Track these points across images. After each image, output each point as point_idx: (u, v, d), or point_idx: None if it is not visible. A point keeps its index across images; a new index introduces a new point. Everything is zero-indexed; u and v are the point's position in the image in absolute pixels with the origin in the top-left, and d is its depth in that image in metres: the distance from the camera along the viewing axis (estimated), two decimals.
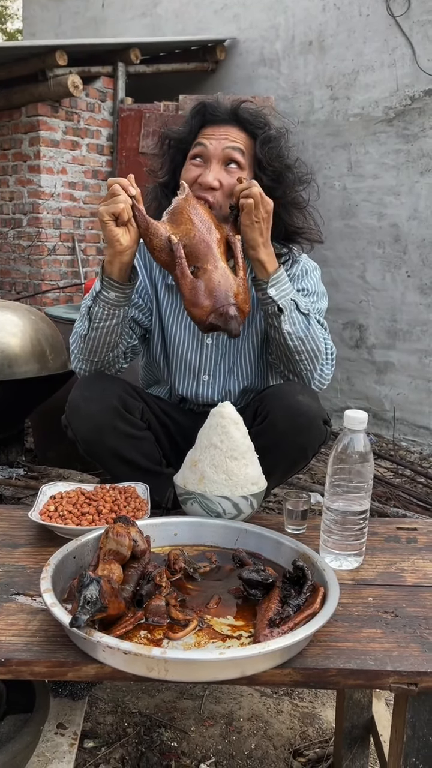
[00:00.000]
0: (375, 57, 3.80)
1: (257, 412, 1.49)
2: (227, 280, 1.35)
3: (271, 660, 0.86)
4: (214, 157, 1.48)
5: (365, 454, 1.13)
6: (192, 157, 1.51)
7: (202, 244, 1.37)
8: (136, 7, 5.11)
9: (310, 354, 1.49)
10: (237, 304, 1.34)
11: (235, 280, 1.37)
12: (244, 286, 1.37)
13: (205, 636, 0.94)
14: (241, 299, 1.36)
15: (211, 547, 1.21)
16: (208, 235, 1.38)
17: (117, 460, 1.46)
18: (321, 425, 1.46)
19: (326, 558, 1.16)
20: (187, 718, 1.51)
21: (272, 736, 1.47)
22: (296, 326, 1.46)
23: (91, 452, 1.48)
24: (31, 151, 4.28)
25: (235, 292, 1.35)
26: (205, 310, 1.33)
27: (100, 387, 1.48)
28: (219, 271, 1.35)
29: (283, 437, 1.42)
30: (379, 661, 0.90)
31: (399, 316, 3.87)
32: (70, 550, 1.07)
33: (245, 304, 1.37)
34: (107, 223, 1.33)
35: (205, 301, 1.33)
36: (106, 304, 1.42)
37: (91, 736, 1.43)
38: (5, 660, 0.88)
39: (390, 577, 1.15)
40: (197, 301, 1.34)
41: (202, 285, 1.35)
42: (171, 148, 1.57)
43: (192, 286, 1.35)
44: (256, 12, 4.34)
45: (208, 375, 1.63)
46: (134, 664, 0.83)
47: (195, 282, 1.35)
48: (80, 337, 1.49)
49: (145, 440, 1.50)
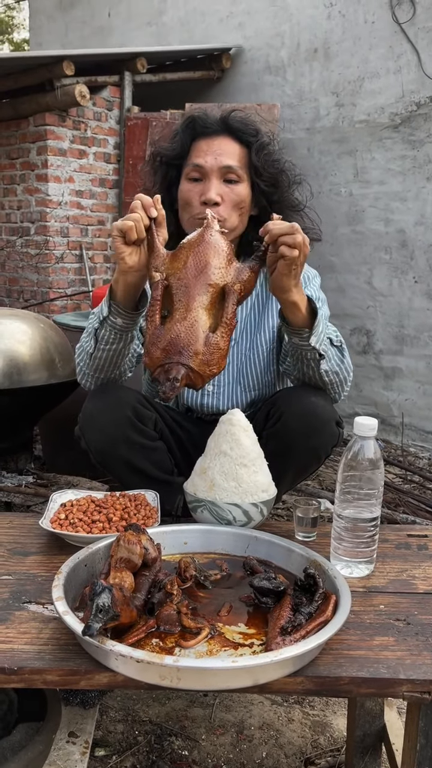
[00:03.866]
0: (380, 63, 3.81)
1: (269, 415, 1.49)
2: (191, 334, 1.19)
3: (284, 668, 0.86)
4: (212, 173, 1.47)
5: (376, 460, 1.13)
6: (188, 175, 1.51)
7: (182, 289, 1.23)
8: (142, 16, 5.14)
9: (341, 382, 1.50)
10: (189, 363, 1.17)
11: (201, 336, 1.19)
12: (215, 346, 1.20)
13: (217, 644, 0.94)
14: (200, 360, 1.18)
15: (221, 555, 1.21)
16: (195, 280, 1.22)
17: (130, 470, 1.46)
18: (334, 427, 1.46)
19: (337, 565, 1.15)
20: (198, 726, 1.50)
21: (283, 744, 1.46)
22: (332, 362, 1.45)
23: (104, 463, 1.48)
24: (38, 160, 4.31)
25: (195, 351, 1.18)
26: (154, 361, 1.20)
27: (114, 398, 1.47)
28: (185, 323, 1.19)
29: (296, 439, 1.42)
30: (391, 669, 0.90)
31: (406, 322, 3.87)
32: (82, 558, 1.07)
33: (206, 366, 1.19)
34: (116, 238, 1.30)
35: (156, 351, 1.20)
36: (113, 329, 1.42)
37: (102, 745, 1.43)
38: (18, 668, 0.88)
39: (401, 585, 1.15)
40: (149, 350, 1.21)
41: (159, 332, 1.21)
42: (163, 165, 1.56)
43: (152, 333, 1.22)
44: (262, 20, 4.36)
45: (212, 385, 1.63)
46: (147, 672, 0.83)
47: (157, 328, 1.22)
48: (87, 354, 1.49)
49: (157, 450, 1.50)
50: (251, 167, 1.50)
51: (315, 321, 1.37)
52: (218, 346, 1.21)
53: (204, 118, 1.52)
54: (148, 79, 4.51)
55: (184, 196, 1.50)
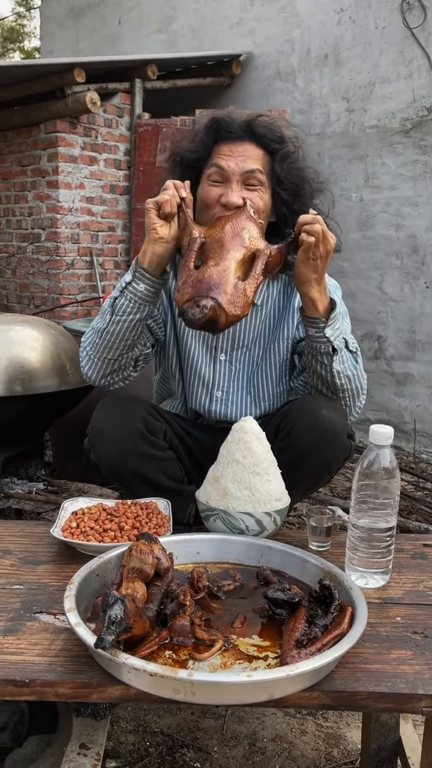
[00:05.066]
0: (391, 69, 3.80)
1: (280, 427, 1.47)
2: (221, 275, 1.28)
3: (300, 683, 0.84)
4: (234, 178, 1.45)
5: (392, 469, 1.11)
6: (209, 177, 1.48)
7: (217, 244, 1.33)
8: (153, 23, 5.16)
9: (354, 392, 1.49)
10: (217, 298, 1.25)
11: (232, 280, 1.29)
12: (242, 291, 1.29)
13: (231, 657, 0.92)
14: (228, 299, 1.27)
15: (234, 565, 1.20)
16: (231, 240, 1.33)
17: (141, 481, 1.45)
18: (345, 440, 1.44)
19: (352, 576, 1.14)
20: (210, 738, 1.49)
21: (297, 757, 1.44)
22: (345, 365, 1.45)
23: (115, 475, 1.47)
24: (49, 166, 4.33)
25: (224, 290, 1.27)
26: (183, 297, 1.28)
27: (123, 410, 1.46)
28: (218, 267, 1.29)
29: (307, 452, 1.40)
30: (410, 684, 0.88)
31: (418, 327, 3.84)
32: (94, 568, 1.06)
33: (232, 305, 1.27)
34: (150, 210, 1.37)
35: (188, 288, 1.28)
36: (134, 296, 1.42)
37: (113, 756, 1.41)
38: (29, 681, 0.87)
39: (418, 596, 1.13)
40: (181, 288, 1.30)
41: (194, 275, 1.30)
42: (183, 166, 1.54)
43: (185, 275, 1.31)
44: (272, 27, 4.36)
45: (221, 391, 1.61)
46: (160, 686, 0.82)
47: (190, 272, 1.31)
48: (96, 333, 1.47)
49: (168, 460, 1.49)
50: (273, 175, 1.48)
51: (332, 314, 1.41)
52: (245, 293, 1.29)
53: (228, 121, 1.49)
54: (159, 86, 4.52)
55: (204, 198, 1.48)
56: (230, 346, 1.60)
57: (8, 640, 0.96)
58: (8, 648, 0.94)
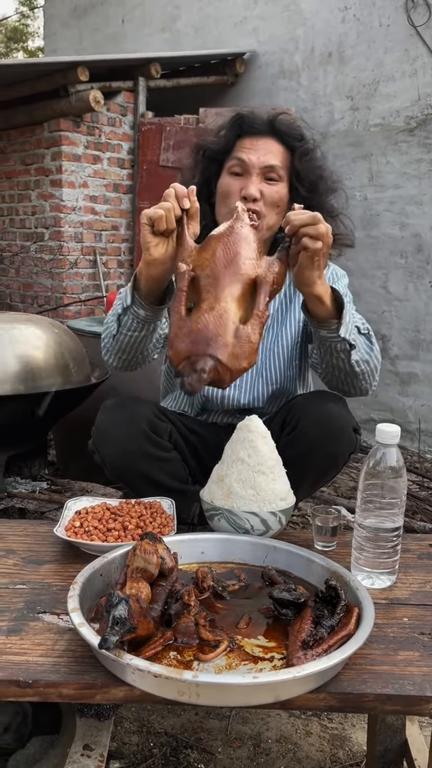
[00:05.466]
0: (396, 67, 3.78)
1: (285, 422, 1.46)
2: (219, 323, 1.09)
3: (306, 684, 0.83)
4: (254, 170, 1.48)
5: (398, 469, 1.10)
6: (230, 169, 1.52)
7: (210, 280, 1.14)
8: (156, 22, 5.15)
9: (371, 371, 1.47)
10: (217, 355, 1.07)
11: (231, 327, 1.10)
12: (246, 338, 1.11)
13: (236, 658, 0.91)
14: (230, 352, 1.08)
15: (239, 565, 1.18)
16: (224, 270, 1.14)
17: (145, 482, 1.44)
18: (351, 433, 1.43)
19: (358, 576, 1.12)
20: (214, 738, 1.48)
21: (301, 758, 1.43)
22: (361, 351, 1.42)
23: (119, 476, 1.46)
24: (53, 165, 4.32)
25: (224, 342, 1.08)
26: (179, 354, 1.10)
27: (128, 411, 1.45)
28: (214, 313, 1.10)
29: (313, 446, 1.39)
30: (417, 686, 0.87)
31: (422, 327, 3.82)
32: (97, 568, 1.05)
33: (235, 359, 1.09)
34: (144, 226, 1.23)
35: (182, 343, 1.10)
36: (136, 318, 1.39)
37: (116, 757, 1.41)
38: (33, 681, 0.86)
39: (425, 597, 1.12)
40: (173, 342, 1.11)
41: (186, 324, 1.11)
42: (205, 159, 1.58)
43: (177, 324, 1.12)
44: (276, 25, 4.35)
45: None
46: (165, 687, 0.81)
47: (182, 320, 1.12)
48: (111, 336, 1.47)
49: (172, 461, 1.48)
50: (293, 171, 1.52)
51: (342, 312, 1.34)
52: (249, 339, 1.10)
53: (251, 117, 1.53)
54: (162, 85, 4.51)
55: (224, 189, 1.52)
56: None
57: (11, 640, 0.95)
58: (11, 648, 0.93)
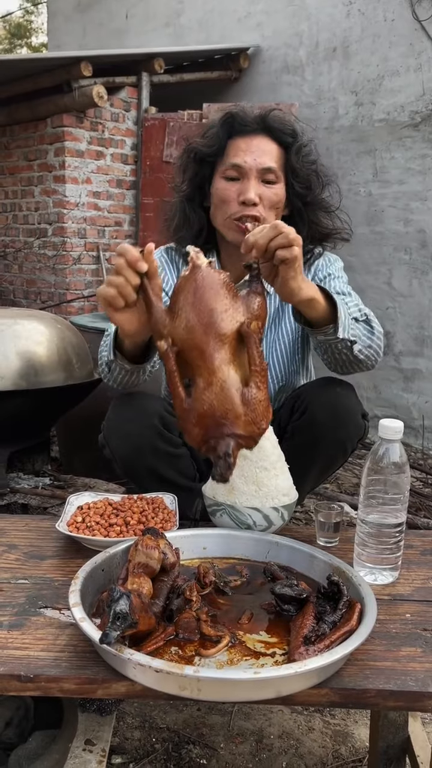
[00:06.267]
0: (400, 61, 3.77)
1: (294, 409, 1.46)
2: (224, 399, 1.04)
3: (308, 680, 0.83)
4: (251, 174, 1.45)
5: (401, 464, 1.09)
6: (224, 173, 1.48)
7: (195, 351, 1.06)
8: (160, 17, 5.14)
9: (375, 353, 1.42)
10: (234, 431, 1.04)
11: (237, 396, 1.04)
12: (255, 400, 1.05)
13: (238, 653, 0.91)
14: (245, 421, 1.05)
15: (241, 560, 1.18)
16: (205, 336, 1.05)
17: (154, 478, 1.44)
18: (360, 419, 1.43)
19: (360, 572, 1.12)
20: (216, 734, 1.47)
21: (304, 754, 1.43)
22: (362, 340, 1.37)
23: (129, 472, 1.45)
24: (56, 161, 4.32)
25: (235, 414, 1.04)
26: (195, 440, 1.07)
27: (139, 406, 1.43)
28: (214, 389, 1.04)
29: (322, 431, 1.39)
30: (420, 682, 0.86)
31: (427, 323, 3.81)
32: (99, 563, 1.05)
33: (253, 426, 1.05)
34: (106, 308, 1.15)
35: (194, 429, 1.06)
36: (123, 368, 1.37)
37: (118, 752, 1.41)
38: (34, 676, 0.86)
39: (428, 593, 1.11)
40: (185, 429, 1.07)
41: (190, 407, 1.06)
42: (196, 162, 1.53)
43: (182, 410, 1.07)
44: (280, 20, 4.33)
45: None
46: (166, 682, 0.81)
47: (184, 403, 1.07)
48: (105, 365, 1.42)
49: (182, 457, 1.48)
50: (288, 168, 1.49)
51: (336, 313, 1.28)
52: (258, 399, 1.05)
53: (242, 115, 1.49)
54: (166, 80, 4.50)
55: (221, 195, 1.48)
56: None
57: (13, 635, 0.95)
58: (13, 643, 0.93)
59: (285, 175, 1.49)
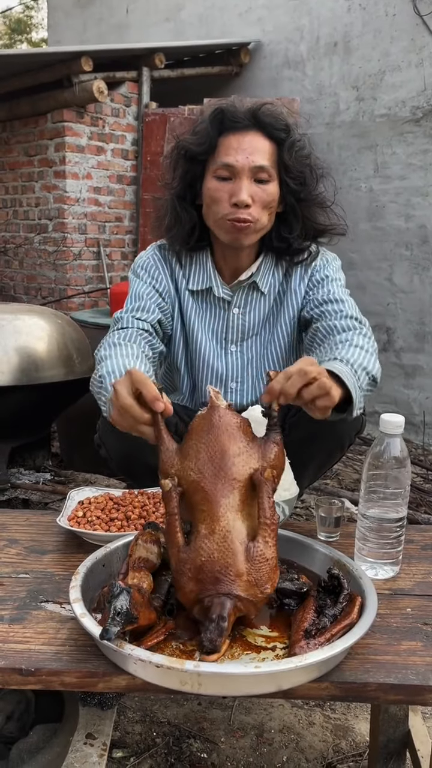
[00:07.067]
0: (402, 56, 3.75)
1: (290, 405, 1.45)
2: (226, 551, 0.90)
3: (309, 674, 0.83)
4: (243, 173, 1.41)
5: (402, 459, 1.09)
6: (216, 173, 1.44)
7: (201, 493, 0.95)
8: (160, 12, 5.12)
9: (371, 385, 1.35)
10: (233, 591, 0.89)
11: (240, 550, 0.91)
12: (261, 558, 0.91)
13: (239, 647, 0.91)
14: (247, 582, 0.90)
15: None
16: (215, 478, 0.95)
17: (151, 476, 1.44)
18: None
19: (361, 566, 1.12)
20: (217, 728, 1.48)
21: (304, 748, 1.43)
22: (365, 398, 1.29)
23: (125, 470, 1.45)
24: (56, 156, 4.31)
25: (237, 572, 0.89)
26: (188, 597, 0.92)
27: None
28: (216, 538, 0.92)
29: (320, 426, 1.38)
30: (421, 675, 0.86)
31: (428, 319, 3.81)
32: (99, 558, 1.05)
33: (255, 588, 0.90)
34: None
35: (189, 583, 0.91)
36: None
37: (119, 746, 1.41)
38: (35, 669, 0.86)
39: (428, 587, 1.11)
40: (179, 582, 0.93)
41: (188, 557, 0.92)
42: (187, 160, 1.48)
43: (177, 558, 0.94)
44: (281, 14, 4.32)
45: (235, 382, 1.60)
46: (166, 677, 0.81)
47: (182, 552, 0.94)
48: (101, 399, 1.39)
49: None
50: (281, 165, 1.44)
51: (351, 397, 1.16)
52: (264, 557, 0.91)
53: (233, 111, 1.43)
54: (166, 75, 4.49)
55: (213, 195, 1.44)
56: (240, 337, 1.59)
57: (14, 628, 0.95)
58: (14, 637, 0.93)
59: (278, 172, 1.44)
